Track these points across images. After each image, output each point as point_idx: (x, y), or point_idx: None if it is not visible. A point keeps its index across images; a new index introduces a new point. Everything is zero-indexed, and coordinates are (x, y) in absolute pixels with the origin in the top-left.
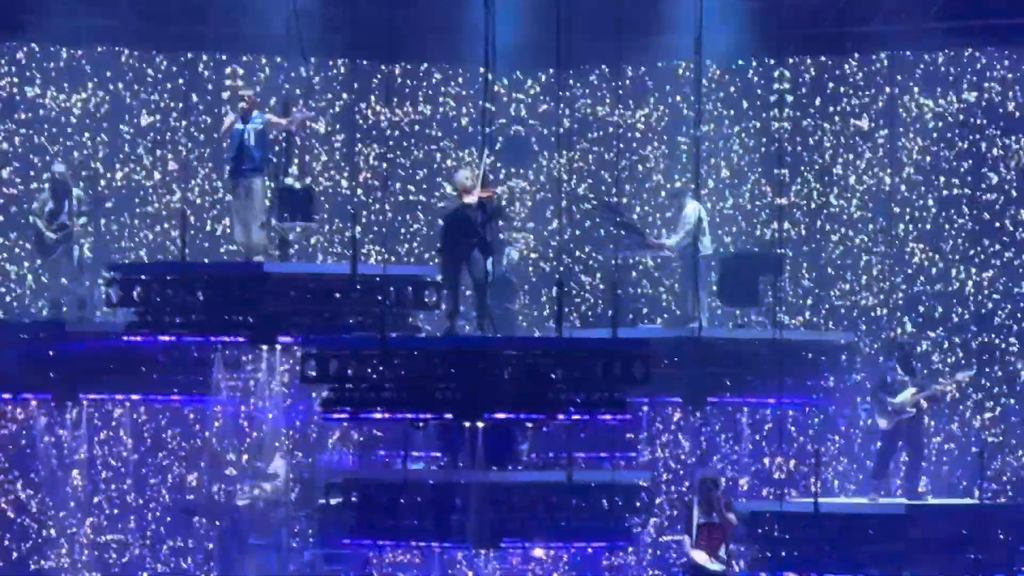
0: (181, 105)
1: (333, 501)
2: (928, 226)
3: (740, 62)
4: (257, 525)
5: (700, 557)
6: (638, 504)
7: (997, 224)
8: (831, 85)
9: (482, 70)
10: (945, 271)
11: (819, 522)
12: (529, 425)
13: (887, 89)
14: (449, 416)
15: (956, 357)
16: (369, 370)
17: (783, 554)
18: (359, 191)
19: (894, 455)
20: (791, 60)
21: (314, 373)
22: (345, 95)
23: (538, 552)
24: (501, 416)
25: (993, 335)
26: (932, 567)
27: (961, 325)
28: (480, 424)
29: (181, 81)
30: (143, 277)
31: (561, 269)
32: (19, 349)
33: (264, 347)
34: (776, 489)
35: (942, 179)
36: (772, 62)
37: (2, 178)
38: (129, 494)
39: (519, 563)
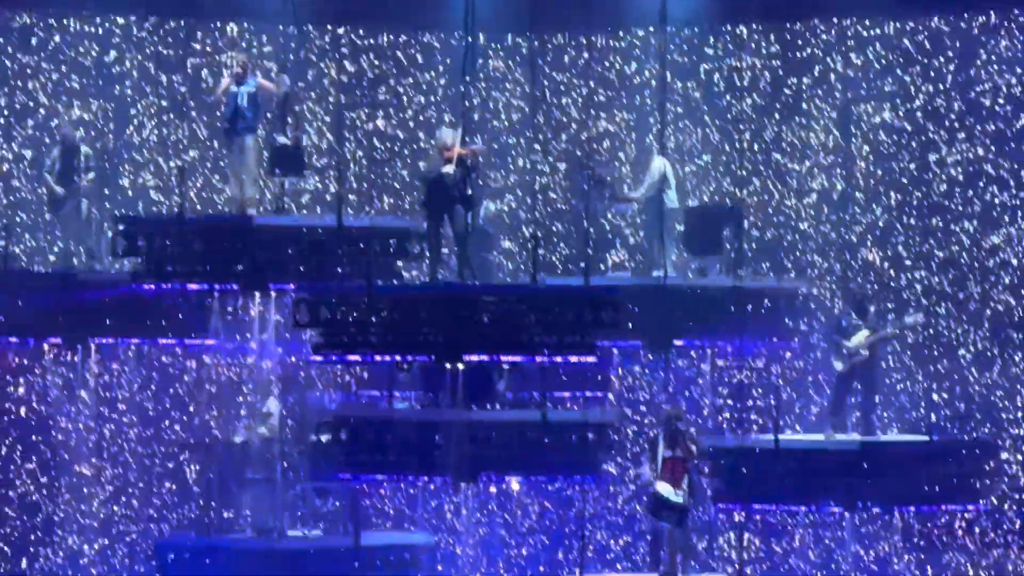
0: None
1: (323, 438)
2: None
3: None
4: (253, 461)
5: (663, 488)
6: (607, 441)
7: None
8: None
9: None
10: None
11: (779, 457)
12: (506, 366)
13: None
14: (431, 358)
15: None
16: (356, 315)
17: (746, 487)
18: (351, 139)
19: (849, 395)
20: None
21: (305, 318)
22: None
23: (514, 485)
24: (480, 358)
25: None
26: (885, 499)
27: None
28: (460, 365)
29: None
30: (146, 229)
31: (536, 219)
32: (33, 296)
33: (257, 293)
34: (739, 426)
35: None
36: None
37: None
38: (133, 432)
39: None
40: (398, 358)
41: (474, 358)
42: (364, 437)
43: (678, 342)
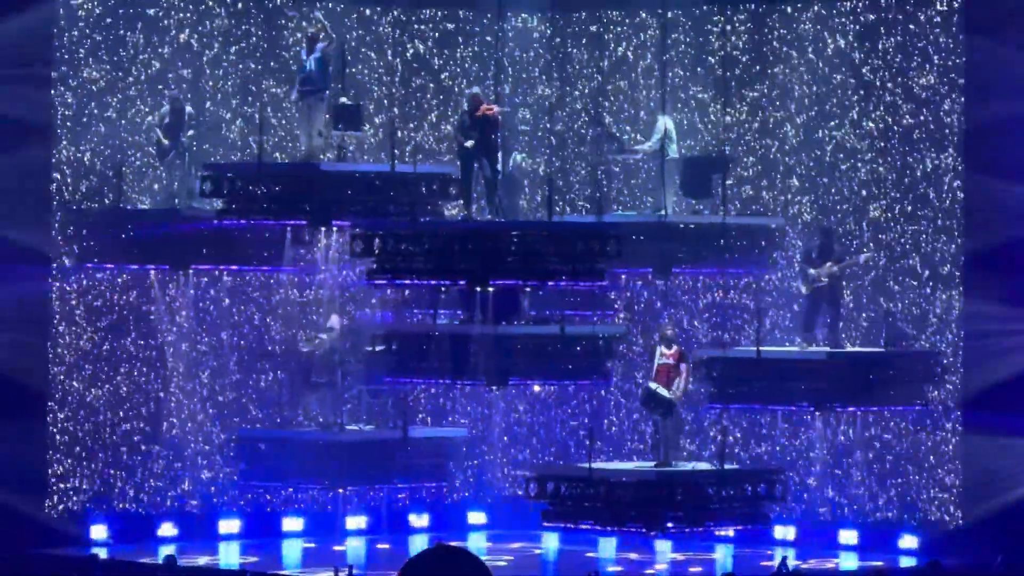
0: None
1: (377, 348)
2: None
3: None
4: (317, 367)
5: (654, 386)
6: (614, 350)
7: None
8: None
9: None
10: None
11: (760, 365)
12: (528, 289)
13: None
14: (466, 282)
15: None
16: (404, 246)
17: (731, 390)
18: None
19: (817, 313)
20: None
21: (361, 249)
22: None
23: (536, 388)
24: (506, 282)
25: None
26: (848, 400)
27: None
28: (490, 289)
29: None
30: (230, 174)
31: (553, 167)
32: (144, 230)
33: (322, 228)
34: (726, 337)
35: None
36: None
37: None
38: (222, 343)
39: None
40: (438, 283)
41: (502, 282)
42: (411, 348)
43: (676, 269)
